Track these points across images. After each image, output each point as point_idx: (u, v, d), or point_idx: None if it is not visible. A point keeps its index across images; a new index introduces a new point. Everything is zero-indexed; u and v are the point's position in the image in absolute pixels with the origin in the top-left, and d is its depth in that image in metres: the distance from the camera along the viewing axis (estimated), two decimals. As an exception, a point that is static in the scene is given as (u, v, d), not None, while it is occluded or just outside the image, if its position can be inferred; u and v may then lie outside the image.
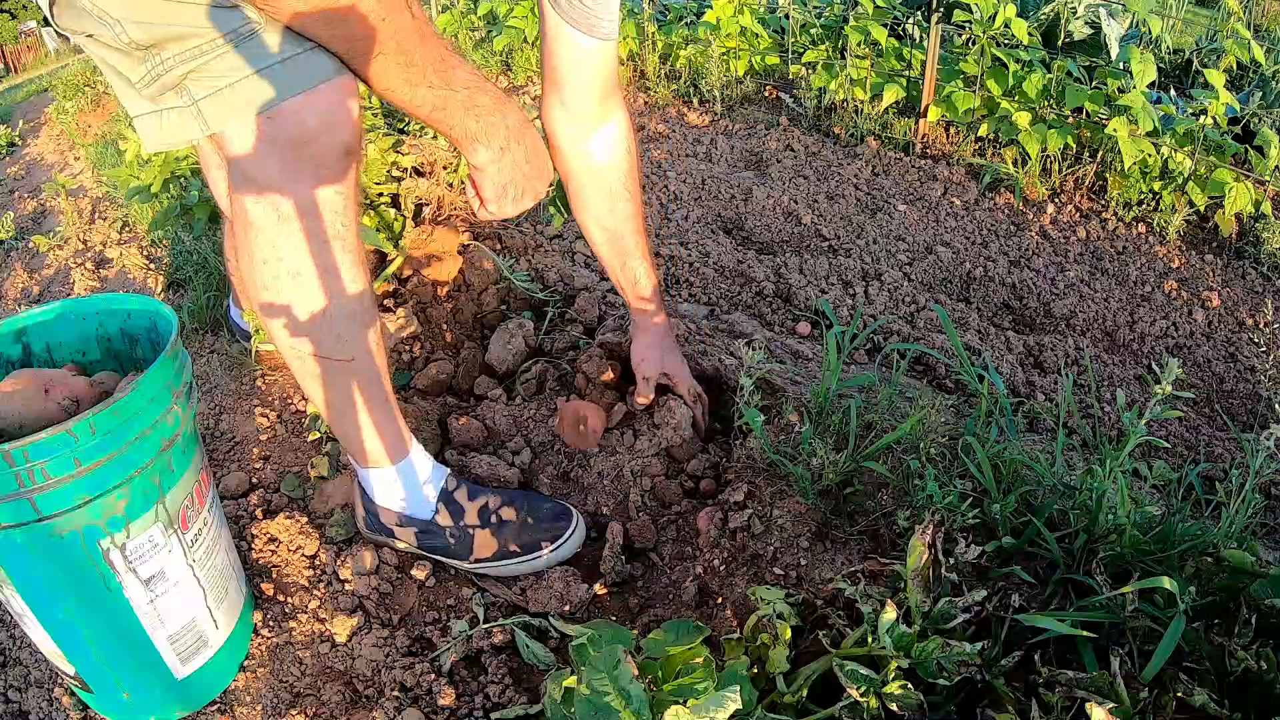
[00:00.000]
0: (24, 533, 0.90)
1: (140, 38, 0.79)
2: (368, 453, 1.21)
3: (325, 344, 1.02)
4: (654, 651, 1.05)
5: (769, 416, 1.54)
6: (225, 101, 0.81)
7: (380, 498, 1.27)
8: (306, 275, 0.94)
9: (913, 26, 3.78)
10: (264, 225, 0.89)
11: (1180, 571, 1.07)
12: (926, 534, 1.03)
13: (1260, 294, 2.58)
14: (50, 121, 6.01)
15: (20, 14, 22.36)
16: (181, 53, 0.79)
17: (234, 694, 1.18)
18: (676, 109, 4.11)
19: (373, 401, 1.13)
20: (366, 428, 1.16)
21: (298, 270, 0.94)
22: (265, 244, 0.91)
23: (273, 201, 0.87)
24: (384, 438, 1.19)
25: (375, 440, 1.19)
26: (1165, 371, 1.06)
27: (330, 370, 1.06)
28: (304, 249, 0.91)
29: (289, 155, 0.84)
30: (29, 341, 1.17)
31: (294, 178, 0.86)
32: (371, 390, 1.12)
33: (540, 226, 2.44)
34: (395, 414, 1.20)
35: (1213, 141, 2.84)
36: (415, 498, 1.28)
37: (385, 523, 1.31)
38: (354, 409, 1.12)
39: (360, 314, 1.04)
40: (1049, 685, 0.95)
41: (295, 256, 0.92)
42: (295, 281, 0.95)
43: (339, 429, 1.18)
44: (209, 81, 0.81)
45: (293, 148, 0.84)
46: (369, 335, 1.08)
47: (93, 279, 2.64)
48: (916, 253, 2.63)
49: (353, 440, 1.19)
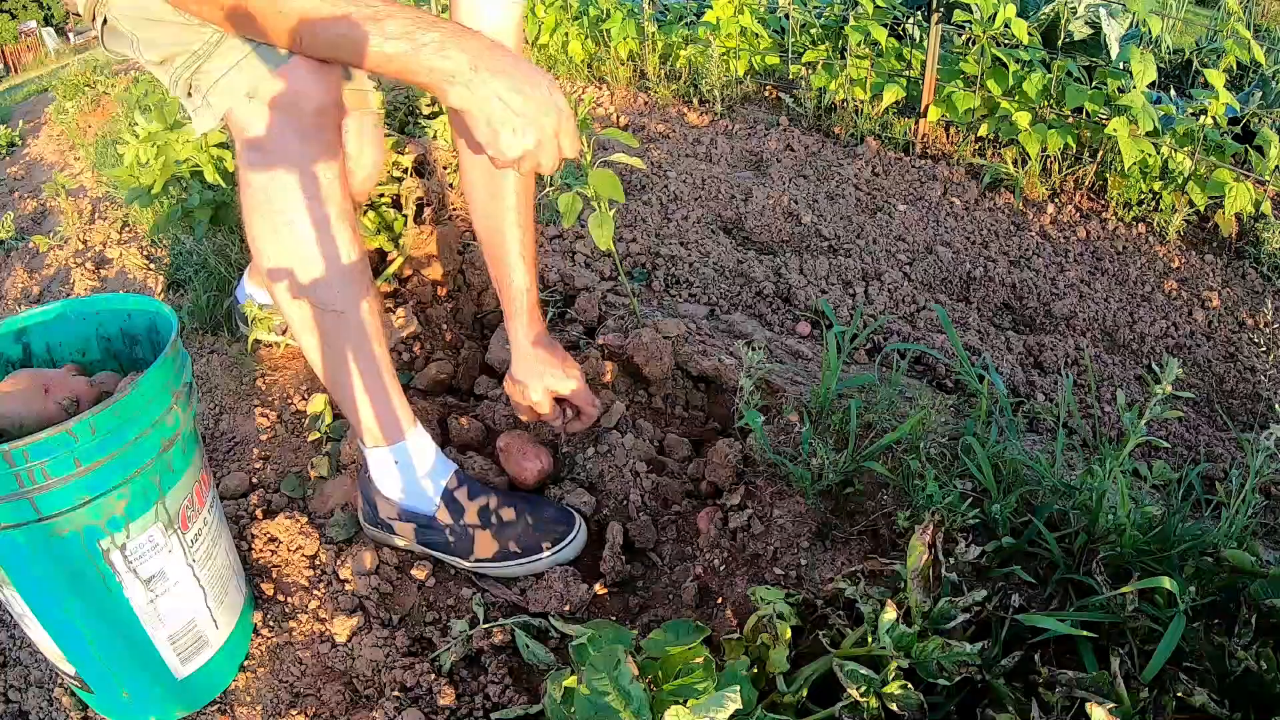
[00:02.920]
0: (24, 533, 0.91)
1: (153, 56, 1.02)
2: (364, 426, 1.22)
3: (318, 292, 1.08)
4: (654, 651, 1.05)
5: (769, 416, 1.54)
6: (221, 92, 1.00)
7: (381, 484, 1.27)
8: (300, 224, 1.04)
9: (913, 26, 3.78)
10: (259, 182, 1.03)
11: (1180, 571, 1.07)
12: (926, 534, 1.03)
13: (1260, 294, 2.58)
14: (50, 121, 6.00)
15: (20, 14, 22.35)
16: (185, 60, 1.00)
17: (234, 694, 1.18)
18: (676, 109, 4.11)
19: (367, 368, 1.16)
20: (360, 396, 1.18)
21: (291, 219, 1.04)
22: (261, 198, 1.03)
23: (265, 161, 1.01)
24: (380, 412, 1.20)
25: (370, 413, 1.20)
26: (1165, 371, 1.06)
27: (324, 322, 1.11)
28: (297, 201, 1.03)
29: (273, 122, 0.99)
30: (29, 341, 1.17)
31: (279, 140, 1.00)
32: (365, 354, 1.15)
33: (540, 226, 2.44)
34: (392, 390, 1.20)
35: (1213, 141, 2.84)
36: (415, 490, 1.27)
37: (384, 516, 1.31)
38: (348, 372, 1.15)
39: (353, 271, 1.10)
40: (1049, 685, 0.95)
41: (288, 207, 1.03)
42: (290, 229, 1.04)
43: (335, 395, 1.21)
44: (207, 80, 1.01)
45: (274, 116, 0.99)
46: (363, 296, 1.12)
47: (93, 279, 2.64)
48: (916, 253, 2.63)
49: (348, 408, 1.20)
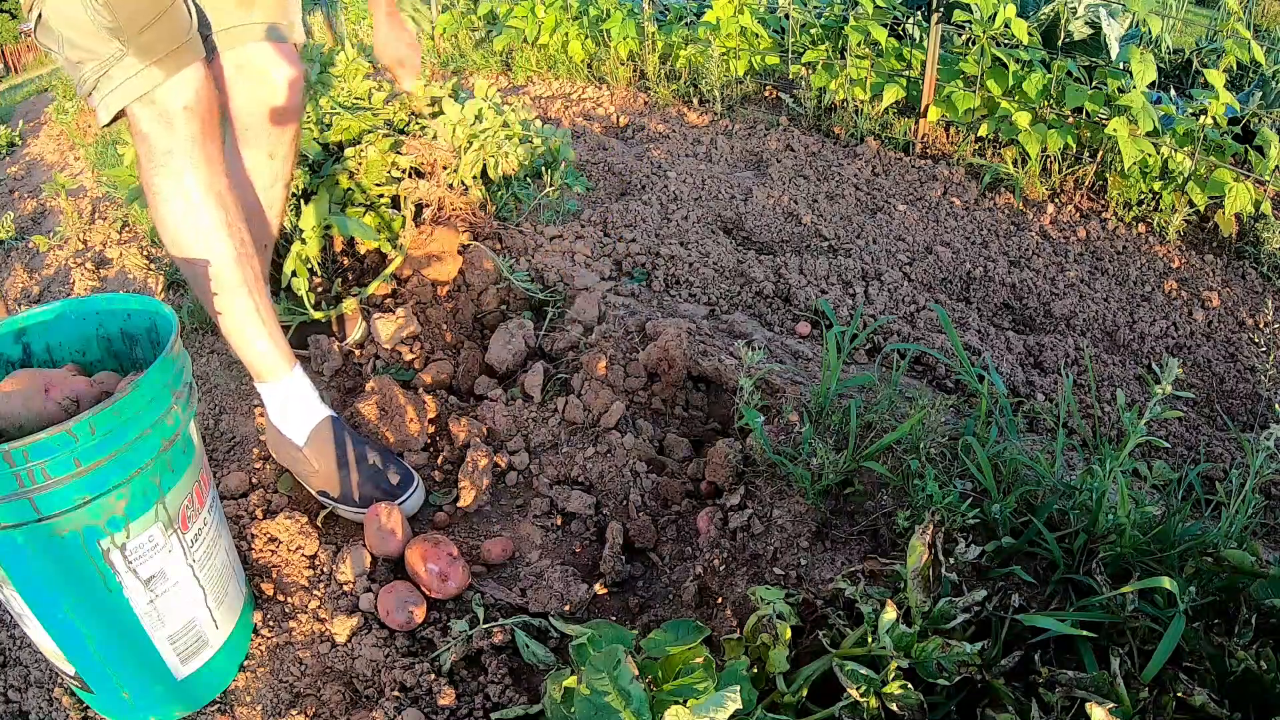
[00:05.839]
0: (24, 533, 0.90)
1: (72, 56, 1.20)
2: (251, 366, 1.43)
3: (200, 256, 1.31)
4: (654, 651, 1.05)
5: (769, 416, 1.54)
6: (118, 95, 1.21)
7: (272, 413, 1.48)
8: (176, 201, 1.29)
9: (913, 26, 3.78)
10: (148, 171, 1.27)
11: (1180, 571, 1.07)
12: (926, 534, 1.03)
13: (1260, 294, 2.58)
14: (50, 121, 6.00)
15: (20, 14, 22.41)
16: (95, 66, 1.20)
17: (234, 694, 1.18)
18: (676, 109, 4.11)
19: (246, 317, 1.37)
20: (241, 341, 1.39)
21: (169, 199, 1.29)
22: (152, 182, 1.28)
23: (150, 153, 1.26)
24: (260, 354, 1.40)
25: (253, 353, 1.41)
26: (1165, 371, 1.06)
27: (209, 280, 1.33)
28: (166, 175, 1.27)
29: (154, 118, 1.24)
30: (29, 341, 1.17)
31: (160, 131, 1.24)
32: (243, 305, 1.36)
33: (540, 226, 2.44)
34: (270, 335, 1.40)
35: (1213, 141, 2.84)
36: (291, 422, 1.47)
37: (272, 438, 1.51)
38: (232, 321, 1.37)
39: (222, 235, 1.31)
40: (1049, 685, 0.95)
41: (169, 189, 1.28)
42: (169, 206, 1.29)
43: (228, 342, 1.41)
44: (109, 83, 1.21)
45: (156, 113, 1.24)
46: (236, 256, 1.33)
47: (93, 279, 2.64)
48: (916, 253, 2.63)
49: (238, 349, 1.41)
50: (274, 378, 1.43)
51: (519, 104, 2.72)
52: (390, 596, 1.28)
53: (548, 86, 4.72)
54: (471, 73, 5.16)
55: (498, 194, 2.49)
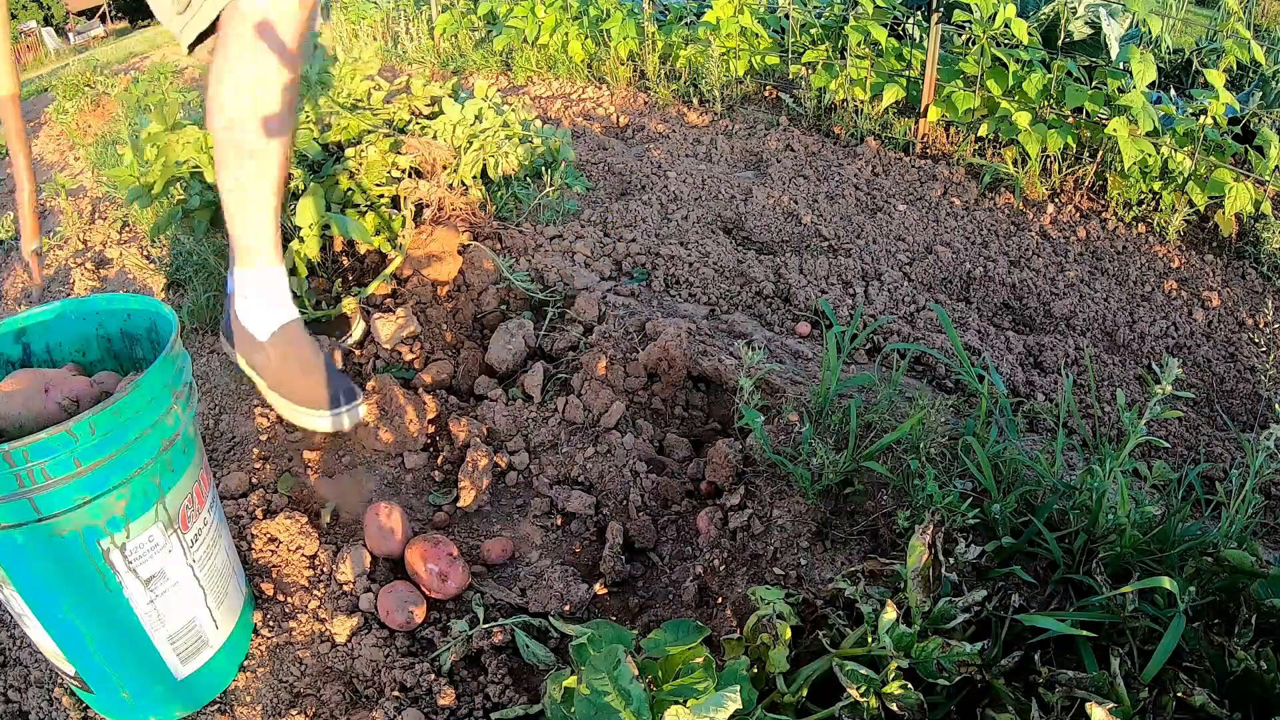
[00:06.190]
0: (24, 533, 0.90)
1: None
2: (240, 246, 1.42)
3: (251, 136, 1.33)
4: (654, 651, 1.05)
5: (769, 416, 1.54)
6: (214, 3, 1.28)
7: (243, 305, 1.46)
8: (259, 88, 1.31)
9: (913, 26, 3.78)
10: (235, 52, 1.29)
11: (1180, 571, 1.07)
12: (926, 534, 1.03)
13: (1260, 294, 2.58)
14: (50, 121, 6.00)
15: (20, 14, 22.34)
16: None
17: (234, 694, 1.18)
18: (676, 109, 4.11)
19: (260, 201, 1.38)
20: (245, 221, 1.39)
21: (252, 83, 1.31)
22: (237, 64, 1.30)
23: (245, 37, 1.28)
24: (258, 238, 1.40)
25: (251, 236, 1.40)
26: (1165, 371, 1.06)
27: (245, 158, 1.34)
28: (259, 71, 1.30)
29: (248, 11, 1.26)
30: (29, 342, 1.17)
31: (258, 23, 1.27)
32: (263, 190, 1.37)
33: (540, 226, 2.44)
34: (275, 221, 1.41)
35: (1213, 141, 2.84)
36: (258, 315, 1.45)
37: (232, 328, 1.48)
38: (245, 200, 1.37)
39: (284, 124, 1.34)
40: (1049, 685, 0.95)
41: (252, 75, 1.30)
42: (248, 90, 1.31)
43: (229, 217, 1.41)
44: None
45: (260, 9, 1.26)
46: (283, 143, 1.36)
47: (93, 279, 2.64)
48: (916, 253, 2.63)
49: (236, 229, 1.41)
50: (266, 262, 1.42)
51: (519, 104, 2.72)
52: (390, 596, 1.28)
53: (548, 86, 4.72)
54: (471, 73, 5.16)
55: (498, 194, 2.49)
